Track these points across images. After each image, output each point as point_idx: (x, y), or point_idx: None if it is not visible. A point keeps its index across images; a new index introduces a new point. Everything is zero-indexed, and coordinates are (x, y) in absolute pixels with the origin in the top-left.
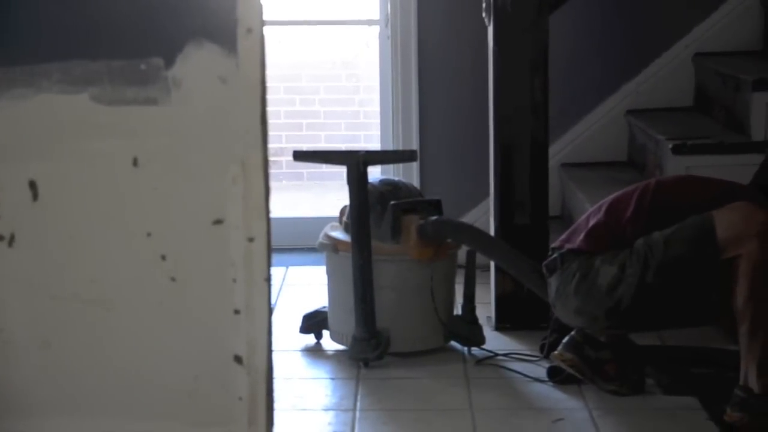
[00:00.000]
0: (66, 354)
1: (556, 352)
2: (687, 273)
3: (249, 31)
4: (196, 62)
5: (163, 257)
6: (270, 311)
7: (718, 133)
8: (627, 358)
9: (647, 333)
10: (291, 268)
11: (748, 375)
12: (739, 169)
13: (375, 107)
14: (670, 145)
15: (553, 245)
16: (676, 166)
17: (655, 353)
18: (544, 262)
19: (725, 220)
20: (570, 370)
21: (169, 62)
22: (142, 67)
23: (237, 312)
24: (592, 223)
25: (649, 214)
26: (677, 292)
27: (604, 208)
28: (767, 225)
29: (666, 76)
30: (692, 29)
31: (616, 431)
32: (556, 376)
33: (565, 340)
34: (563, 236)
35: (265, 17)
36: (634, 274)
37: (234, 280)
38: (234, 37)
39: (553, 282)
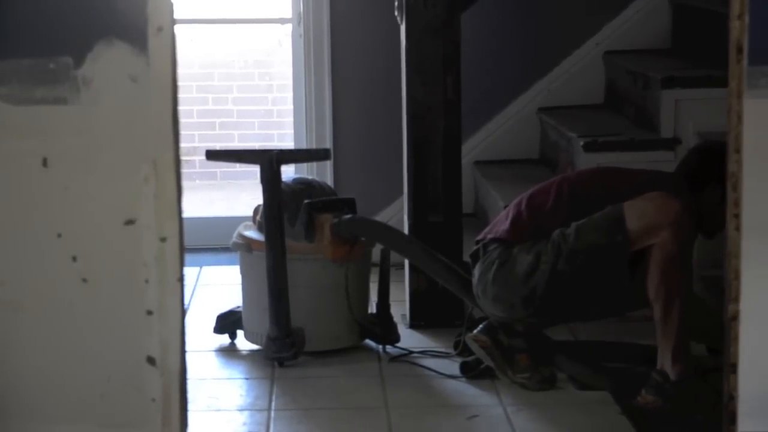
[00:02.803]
0: None
1: (470, 334)
2: (596, 261)
3: (160, 29)
4: (106, 61)
5: (74, 258)
6: (183, 312)
7: (628, 130)
8: (540, 351)
9: (562, 326)
10: (205, 268)
11: (664, 361)
12: (649, 165)
13: (288, 106)
14: (582, 143)
15: (477, 238)
16: (587, 163)
17: (568, 348)
18: (470, 253)
19: (638, 211)
20: (482, 353)
21: (79, 61)
22: (51, 66)
23: (150, 313)
24: (514, 214)
25: (570, 206)
26: (588, 280)
27: (525, 201)
28: (680, 215)
29: (577, 74)
30: (602, 27)
31: (530, 426)
32: (469, 371)
33: (481, 325)
34: (486, 229)
35: (176, 16)
36: (547, 262)
37: (146, 281)
38: (144, 35)
39: (476, 271)
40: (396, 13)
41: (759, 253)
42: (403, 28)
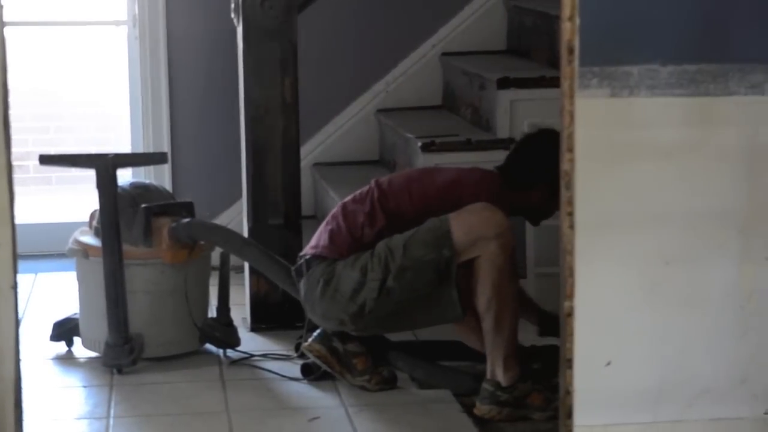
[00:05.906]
0: None
1: (305, 344)
2: (425, 275)
3: None
4: None
5: None
6: (17, 320)
7: (465, 130)
8: (377, 351)
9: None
10: (40, 275)
11: (495, 369)
12: (486, 165)
13: (125, 109)
14: (419, 144)
15: (300, 253)
16: (425, 163)
17: (407, 347)
18: (293, 267)
19: (464, 224)
20: (318, 362)
21: None
22: None
23: None
24: (332, 228)
25: (384, 215)
26: (418, 294)
27: (340, 213)
28: (504, 226)
29: (414, 76)
30: (438, 29)
31: (371, 427)
32: (310, 374)
33: (316, 332)
34: (311, 243)
35: (6, 18)
36: (375, 279)
37: None
38: None
39: (301, 287)
40: (233, 15)
41: (592, 251)
42: (239, 30)
